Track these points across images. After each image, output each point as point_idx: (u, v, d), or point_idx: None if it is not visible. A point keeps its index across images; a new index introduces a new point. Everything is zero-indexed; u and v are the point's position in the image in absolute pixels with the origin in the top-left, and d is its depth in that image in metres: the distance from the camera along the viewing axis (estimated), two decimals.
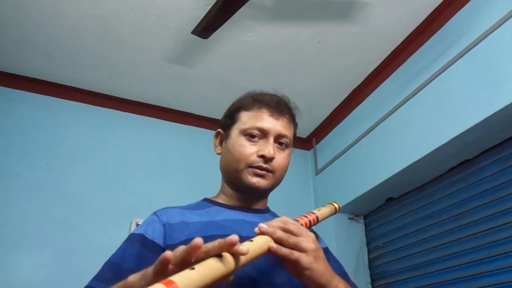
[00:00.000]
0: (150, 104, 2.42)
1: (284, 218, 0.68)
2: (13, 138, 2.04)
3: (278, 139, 0.85)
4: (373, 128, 2.08)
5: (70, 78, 2.20)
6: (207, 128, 2.53)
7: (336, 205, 0.89)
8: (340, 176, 2.35)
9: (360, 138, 2.18)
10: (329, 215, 0.87)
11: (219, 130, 0.94)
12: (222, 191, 0.91)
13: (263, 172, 0.83)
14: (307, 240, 0.63)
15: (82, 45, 1.97)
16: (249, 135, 0.84)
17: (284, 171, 0.88)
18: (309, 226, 0.75)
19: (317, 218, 0.79)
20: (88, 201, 2.03)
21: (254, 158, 0.82)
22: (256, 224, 0.72)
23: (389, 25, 1.85)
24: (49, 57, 2.04)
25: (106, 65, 2.10)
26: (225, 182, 0.91)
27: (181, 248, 0.51)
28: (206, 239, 0.67)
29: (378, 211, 2.24)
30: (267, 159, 0.82)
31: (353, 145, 2.24)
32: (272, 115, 0.86)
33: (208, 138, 2.46)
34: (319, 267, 0.62)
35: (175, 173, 2.31)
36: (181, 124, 2.48)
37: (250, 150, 0.83)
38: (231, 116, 0.91)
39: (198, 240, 0.49)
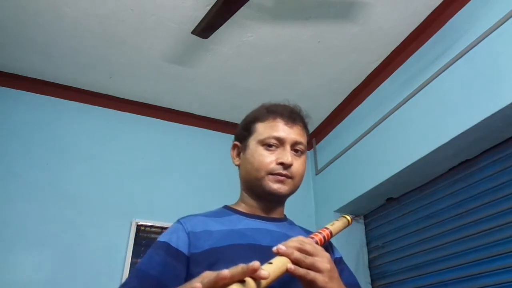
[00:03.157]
0: (150, 104, 2.42)
1: (300, 238, 0.71)
2: (13, 138, 2.04)
3: (294, 146, 0.90)
4: (373, 128, 2.08)
5: (70, 78, 2.20)
6: (207, 128, 2.53)
7: (348, 217, 0.92)
8: (340, 176, 2.35)
9: (360, 138, 2.18)
10: (343, 229, 0.90)
11: (236, 142, 0.98)
12: (241, 200, 0.94)
13: (283, 178, 0.87)
14: (322, 261, 0.67)
15: (82, 45, 1.97)
16: (267, 145, 0.89)
17: (302, 176, 0.92)
18: (324, 242, 0.78)
19: (330, 233, 0.82)
20: (88, 201, 2.03)
21: (273, 166, 0.87)
22: (275, 233, 0.81)
23: (389, 25, 1.85)
24: (49, 57, 2.04)
25: (106, 65, 2.10)
26: (245, 192, 0.94)
27: (209, 276, 0.54)
28: (228, 248, 0.77)
29: (378, 211, 2.24)
30: (286, 166, 0.87)
31: (353, 145, 2.24)
32: (286, 124, 0.91)
33: (208, 138, 2.49)
34: (333, 287, 0.66)
35: (175, 173, 2.31)
36: (181, 124, 2.48)
37: (269, 158, 0.87)
38: (247, 128, 0.95)
39: (225, 273, 0.53)
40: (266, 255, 0.72)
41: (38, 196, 1.95)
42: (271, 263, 0.63)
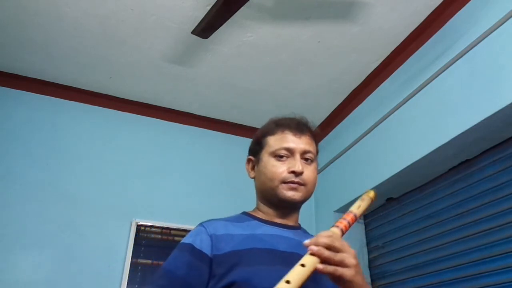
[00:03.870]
0: (150, 104, 2.42)
1: (329, 233, 0.73)
2: (13, 138, 2.04)
3: (304, 155, 0.95)
4: (373, 128, 2.08)
5: (70, 78, 2.20)
6: (207, 128, 2.53)
7: (371, 194, 0.89)
8: (340, 176, 2.35)
9: (360, 138, 2.18)
10: (367, 207, 0.90)
11: (250, 157, 1.04)
12: (258, 209, 0.99)
13: (296, 186, 0.93)
14: (349, 257, 0.72)
15: (82, 45, 1.97)
16: (278, 156, 0.94)
17: (314, 183, 0.97)
18: (349, 227, 0.81)
19: (355, 216, 0.83)
20: (88, 201, 2.03)
21: (286, 175, 0.92)
22: (291, 240, 0.89)
23: (389, 25, 1.85)
24: (49, 57, 2.04)
25: (106, 65, 2.10)
26: (261, 201, 0.99)
27: None
28: (249, 251, 0.83)
29: (378, 211, 2.24)
30: (297, 174, 0.92)
31: (353, 145, 2.24)
32: (295, 135, 0.96)
33: (208, 138, 2.49)
34: (358, 280, 0.72)
35: (175, 173, 2.31)
36: (181, 124, 2.48)
37: (281, 168, 0.93)
38: (258, 143, 1.01)
39: None
40: (282, 259, 0.82)
41: (38, 196, 1.95)
42: (303, 265, 0.67)
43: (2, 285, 1.72)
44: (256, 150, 1.01)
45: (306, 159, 0.96)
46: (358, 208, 0.84)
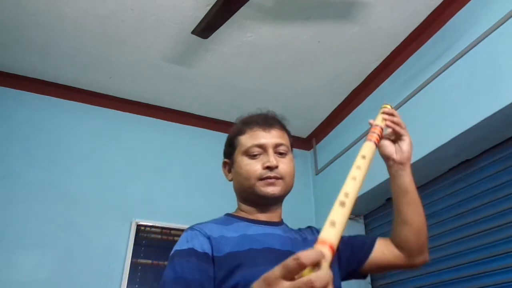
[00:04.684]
0: (150, 104, 2.42)
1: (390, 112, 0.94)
2: (13, 138, 2.04)
3: (276, 148, 0.94)
4: None
5: (70, 78, 2.20)
6: (207, 128, 2.53)
7: (388, 106, 0.98)
8: (340, 176, 2.34)
9: (360, 138, 2.18)
10: None
11: (225, 160, 1.03)
12: (241, 209, 0.97)
13: (273, 180, 0.91)
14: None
15: (82, 45, 1.97)
16: (251, 154, 0.93)
17: (292, 175, 0.96)
18: (380, 140, 0.90)
19: (382, 129, 0.90)
20: (88, 201, 2.03)
21: (261, 171, 0.91)
22: (282, 238, 0.88)
23: (389, 25, 1.85)
24: (49, 57, 2.04)
25: (106, 65, 2.10)
26: (242, 202, 0.97)
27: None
28: (248, 252, 0.82)
29: (378, 211, 2.24)
30: (272, 168, 0.91)
31: (353, 145, 2.24)
32: (264, 130, 0.96)
33: (208, 138, 2.49)
34: (410, 160, 0.96)
35: (175, 173, 2.31)
36: (181, 124, 2.48)
37: (255, 166, 0.92)
38: (231, 144, 1.00)
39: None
40: (280, 258, 0.76)
41: (38, 196, 1.95)
42: (364, 157, 0.76)
43: (2, 285, 1.72)
44: (229, 152, 1.00)
45: (280, 153, 0.95)
46: (382, 121, 0.92)
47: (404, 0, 1.72)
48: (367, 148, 0.78)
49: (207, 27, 1.62)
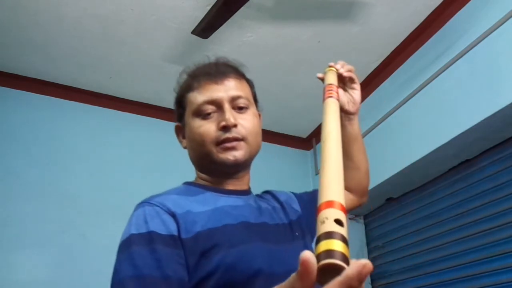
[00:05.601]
0: (150, 104, 2.41)
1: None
2: (13, 138, 2.03)
3: (234, 102, 0.77)
4: (373, 128, 2.08)
5: (70, 78, 2.20)
6: None
7: (332, 64, 0.97)
8: None
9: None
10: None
11: (177, 124, 0.86)
12: (201, 179, 0.83)
13: (233, 144, 0.74)
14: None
15: (82, 45, 1.97)
16: (203, 114, 0.76)
17: (256, 133, 0.79)
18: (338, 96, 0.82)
19: (337, 87, 0.85)
20: (88, 201, 2.02)
21: (216, 133, 0.74)
22: (253, 208, 0.75)
23: (389, 25, 1.85)
24: (49, 57, 2.04)
25: (106, 65, 2.10)
26: (202, 172, 0.83)
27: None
28: (223, 229, 0.67)
29: (378, 211, 2.24)
30: (229, 128, 0.73)
31: None
32: (215, 82, 0.78)
33: None
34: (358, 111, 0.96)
35: (175, 173, 2.29)
36: None
37: (209, 127, 0.75)
38: (180, 104, 0.83)
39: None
40: (257, 232, 0.70)
41: (38, 196, 1.95)
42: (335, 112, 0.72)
43: (2, 285, 1.72)
44: (180, 114, 0.83)
45: (240, 107, 0.77)
46: (334, 79, 0.88)
47: (404, 0, 1.72)
48: (334, 105, 0.74)
49: (207, 27, 1.62)
